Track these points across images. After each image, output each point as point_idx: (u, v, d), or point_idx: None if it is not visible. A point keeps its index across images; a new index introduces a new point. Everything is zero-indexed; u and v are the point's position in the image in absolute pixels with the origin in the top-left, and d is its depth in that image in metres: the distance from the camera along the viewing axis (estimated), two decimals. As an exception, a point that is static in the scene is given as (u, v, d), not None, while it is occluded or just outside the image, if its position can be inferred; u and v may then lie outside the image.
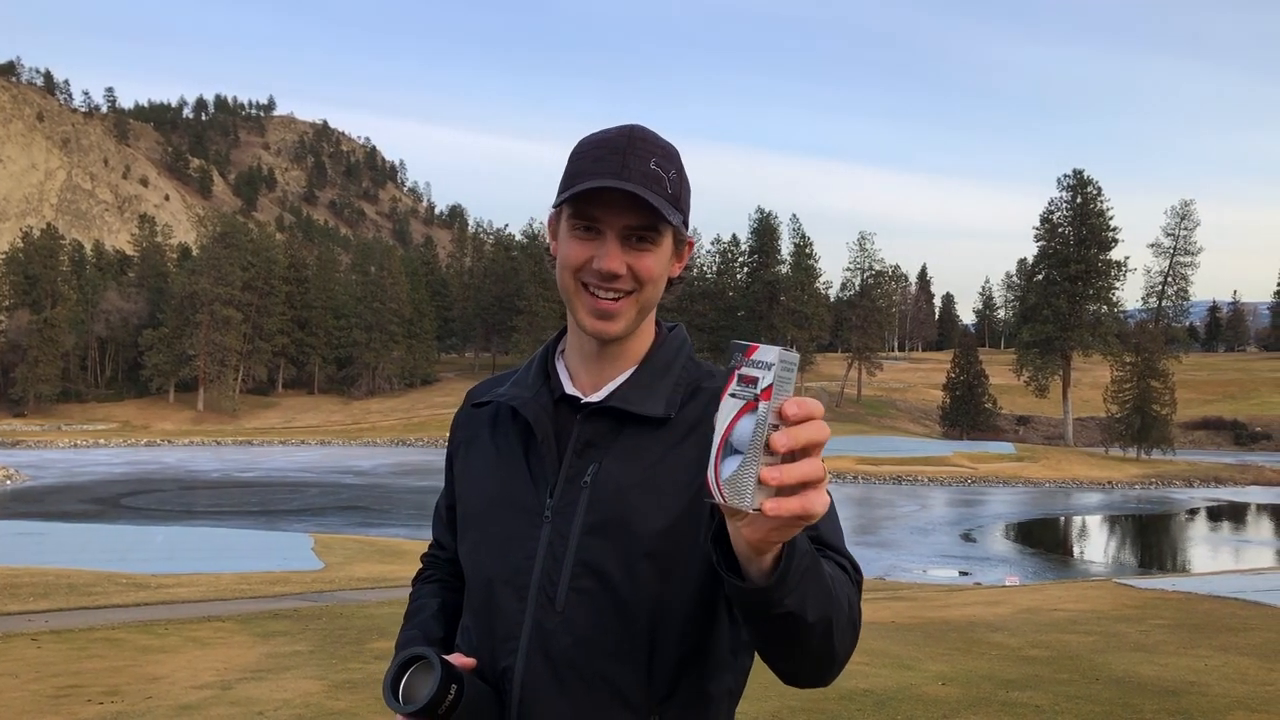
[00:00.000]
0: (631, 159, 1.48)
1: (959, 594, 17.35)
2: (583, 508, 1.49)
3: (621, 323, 1.52)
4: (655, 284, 1.54)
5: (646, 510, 1.48)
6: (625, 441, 1.52)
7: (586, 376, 1.60)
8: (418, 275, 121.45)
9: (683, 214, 1.54)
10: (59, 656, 9.49)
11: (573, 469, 1.52)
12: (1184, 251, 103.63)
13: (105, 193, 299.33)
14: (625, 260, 1.50)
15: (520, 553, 1.52)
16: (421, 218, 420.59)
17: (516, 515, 1.54)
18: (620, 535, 1.47)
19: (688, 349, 1.65)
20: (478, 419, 1.69)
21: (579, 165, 1.51)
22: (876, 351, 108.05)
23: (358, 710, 7.20)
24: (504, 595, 1.52)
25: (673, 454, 1.51)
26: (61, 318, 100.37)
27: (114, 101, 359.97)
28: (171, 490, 51.26)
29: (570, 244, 1.53)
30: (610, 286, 1.50)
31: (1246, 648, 9.39)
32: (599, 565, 1.47)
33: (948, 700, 7.34)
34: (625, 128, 1.54)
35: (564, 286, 1.55)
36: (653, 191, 1.47)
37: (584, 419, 1.55)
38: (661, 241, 1.52)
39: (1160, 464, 68.86)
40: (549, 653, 1.47)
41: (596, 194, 1.47)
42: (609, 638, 1.47)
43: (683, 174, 1.55)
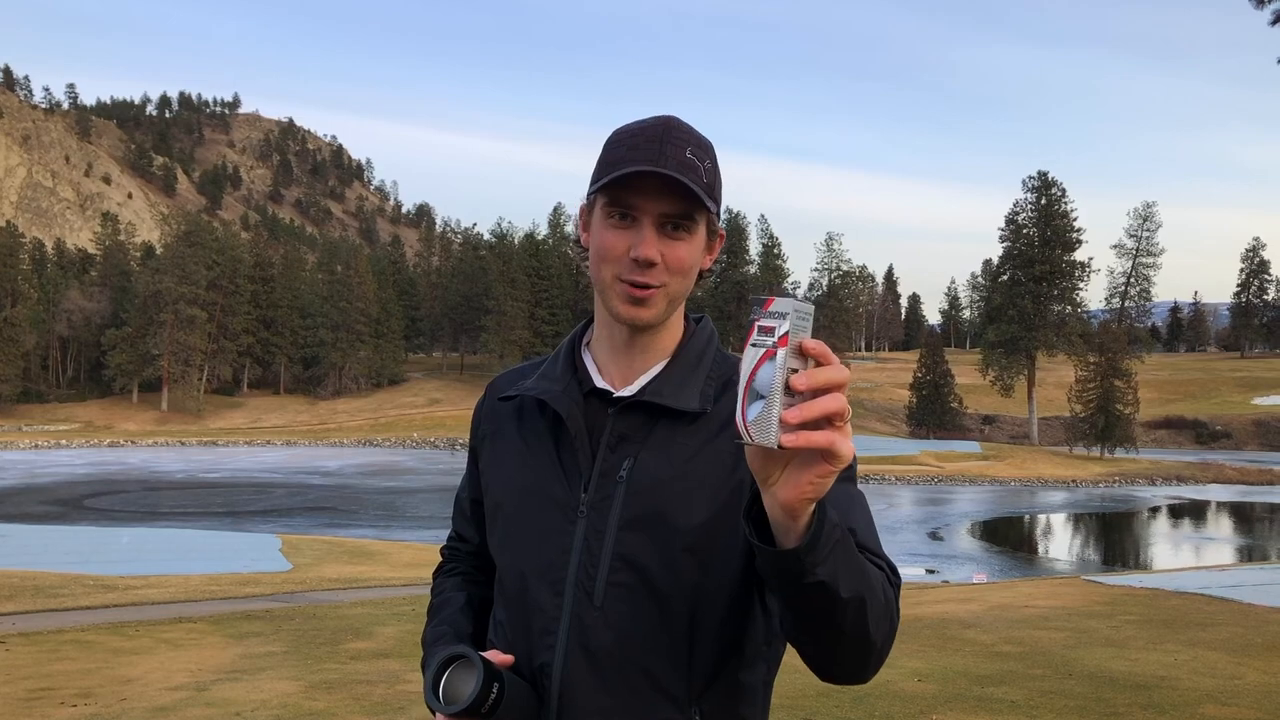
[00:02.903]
0: (668, 147, 1.48)
1: (931, 591, 17.48)
2: (619, 502, 1.49)
3: (654, 310, 1.52)
4: (687, 275, 1.53)
5: (684, 504, 1.48)
6: (659, 435, 1.52)
7: (616, 369, 1.59)
8: (385, 274, 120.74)
9: (716, 205, 1.54)
10: (28, 659, 9.37)
11: (607, 463, 1.52)
12: (1146, 253, 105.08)
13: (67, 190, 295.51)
14: (660, 249, 1.49)
15: (555, 548, 1.51)
16: (388, 217, 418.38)
17: (550, 510, 1.53)
18: (659, 529, 1.48)
19: (716, 341, 1.65)
20: (503, 412, 1.67)
21: (615, 154, 1.50)
22: (844, 351, 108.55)
23: (335, 710, 7.17)
24: (539, 590, 1.52)
25: (709, 448, 1.51)
26: (22, 317, 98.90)
27: (75, 98, 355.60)
28: (136, 491, 50.70)
29: (605, 233, 1.52)
30: (643, 278, 1.50)
31: (1214, 642, 9.53)
32: (637, 560, 1.47)
33: (924, 696, 7.40)
34: (661, 118, 1.54)
35: (598, 278, 1.54)
36: (689, 179, 1.47)
37: (617, 413, 1.55)
38: (696, 231, 1.52)
39: (1123, 463, 69.69)
40: (588, 646, 1.47)
41: (633, 181, 1.47)
42: (648, 631, 1.47)
43: (716, 166, 1.55)
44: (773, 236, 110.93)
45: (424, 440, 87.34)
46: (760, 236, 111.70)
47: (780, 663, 1.60)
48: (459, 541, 1.83)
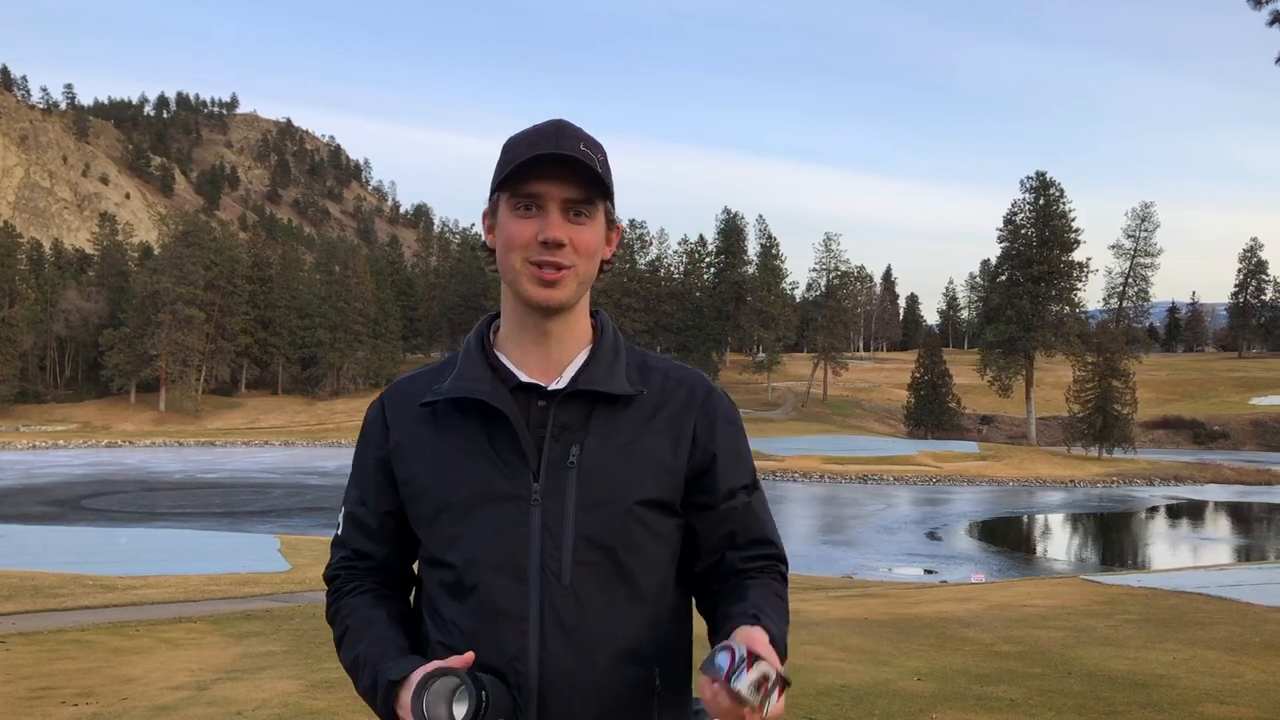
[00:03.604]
0: (563, 140, 1.59)
1: (930, 591, 17.50)
2: (573, 487, 1.59)
3: (565, 291, 1.62)
4: (592, 258, 1.64)
5: (632, 481, 1.61)
6: (598, 421, 1.63)
7: (536, 363, 1.68)
8: (383, 275, 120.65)
9: (609, 196, 1.66)
10: (29, 659, 9.38)
11: (554, 452, 1.61)
12: (1144, 253, 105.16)
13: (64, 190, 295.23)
14: (567, 232, 1.60)
15: (514, 538, 1.58)
16: (386, 217, 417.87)
17: (500, 504, 1.60)
18: (613, 507, 1.60)
19: (617, 330, 1.78)
20: (415, 419, 1.70)
21: (513, 153, 1.61)
22: (842, 352, 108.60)
23: (337, 709, 7.17)
24: (501, 581, 1.58)
25: (647, 427, 1.65)
26: (19, 317, 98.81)
27: (73, 98, 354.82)
28: (134, 492, 50.68)
29: (512, 223, 1.62)
30: (554, 259, 1.59)
31: (1213, 641, 9.54)
32: (599, 538, 1.59)
33: (924, 695, 7.42)
34: (553, 120, 1.64)
35: (508, 266, 1.64)
36: (586, 161, 1.59)
37: (558, 404, 1.63)
38: (596, 216, 1.64)
39: (1121, 463, 69.72)
40: (563, 625, 1.56)
41: (536, 170, 1.58)
42: (615, 602, 1.60)
43: (608, 164, 1.66)
44: (771, 237, 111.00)
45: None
46: (758, 237, 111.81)
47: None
48: (358, 560, 1.78)
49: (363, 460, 1.77)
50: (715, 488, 1.69)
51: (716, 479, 1.69)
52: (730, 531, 1.70)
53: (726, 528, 1.70)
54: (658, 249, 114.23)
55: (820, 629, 10.88)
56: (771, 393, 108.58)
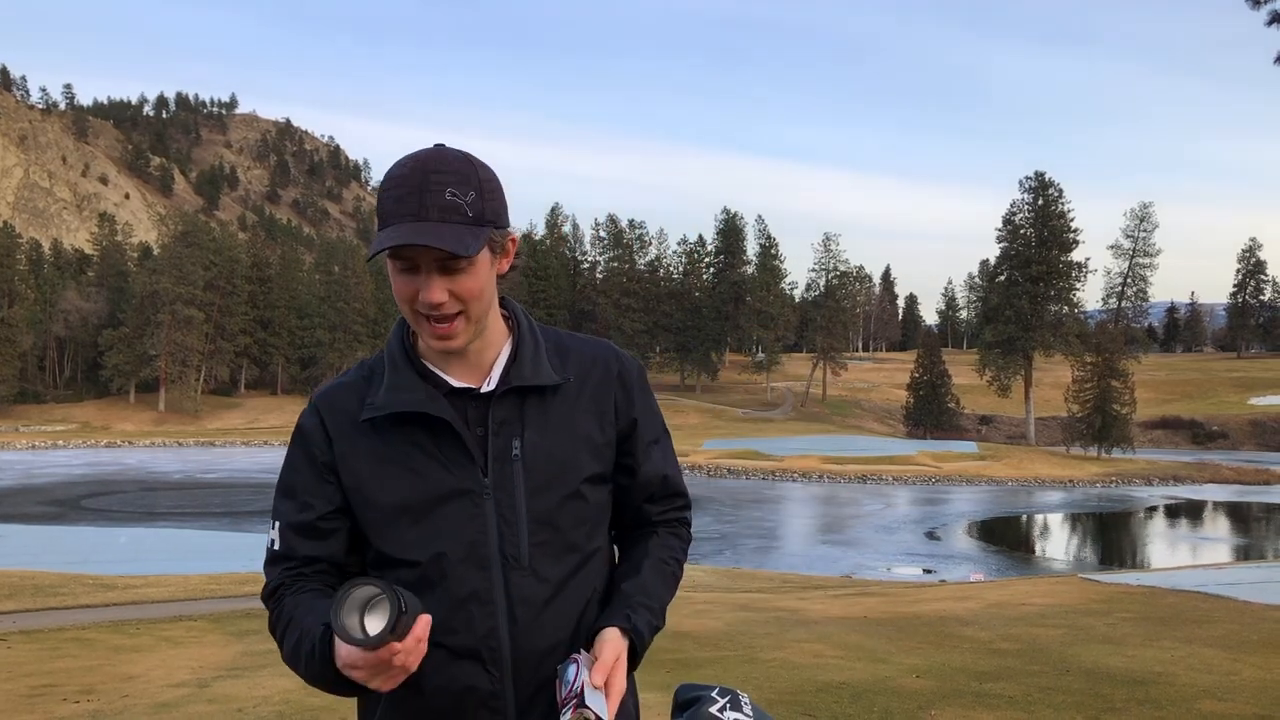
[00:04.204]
0: (428, 195, 1.61)
1: (929, 590, 17.53)
2: (521, 476, 1.72)
3: (462, 339, 1.71)
4: (480, 298, 1.69)
5: (572, 463, 1.76)
6: (531, 412, 1.76)
7: (462, 369, 1.77)
8: (382, 275, 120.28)
9: (492, 223, 1.67)
10: (30, 656, 9.41)
11: (497, 447, 1.72)
12: (1143, 253, 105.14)
13: (64, 191, 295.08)
14: (446, 287, 1.64)
15: (473, 529, 1.70)
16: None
17: (456, 501, 1.70)
18: (558, 489, 1.74)
19: (531, 318, 1.88)
20: (355, 428, 1.76)
21: (384, 207, 1.64)
22: (841, 352, 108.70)
23: (337, 706, 7.19)
24: (465, 570, 1.69)
25: (576, 409, 1.80)
26: (19, 317, 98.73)
27: (72, 98, 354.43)
28: (133, 492, 50.68)
29: (397, 281, 1.68)
30: (439, 314, 1.65)
31: (1211, 639, 9.57)
32: (549, 519, 1.73)
33: (923, 692, 7.44)
34: (419, 159, 1.65)
35: (405, 314, 1.72)
36: (451, 223, 1.61)
37: (494, 403, 1.74)
38: (475, 260, 1.66)
39: (1120, 463, 69.74)
40: (528, 601, 1.70)
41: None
42: (568, 571, 1.75)
43: (482, 187, 1.67)
44: (770, 237, 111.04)
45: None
46: (758, 237, 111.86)
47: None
48: (305, 565, 1.77)
49: (303, 466, 1.79)
50: (635, 449, 1.87)
51: (637, 440, 1.88)
52: (649, 490, 1.90)
53: (646, 487, 1.90)
54: (657, 249, 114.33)
55: (820, 627, 10.92)
56: (770, 393, 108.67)
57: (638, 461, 1.87)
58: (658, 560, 1.87)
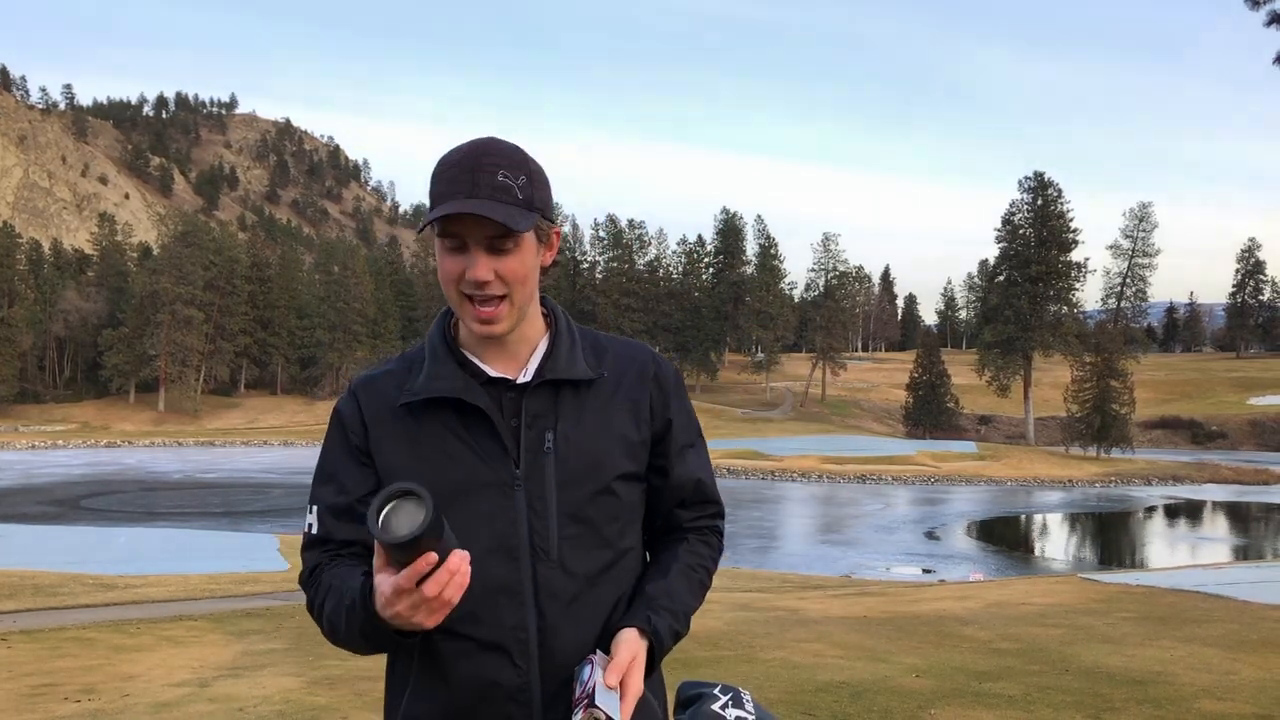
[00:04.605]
0: (480, 175, 1.65)
1: (928, 589, 17.55)
2: (552, 469, 1.72)
3: (504, 324, 1.72)
4: (524, 283, 1.72)
5: (605, 458, 1.76)
6: (566, 406, 1.77)
7: (499, 360, 1.79)
8: (382, 275, 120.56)
9: (539, 211, 1.71)
10: (30, 656, 9.42)
11: (529, 440, 1.73)
12: (1142, 253, 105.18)
13: (63, 191, 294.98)
14: (492, 267, 1.68)
15: (503, 521, 1.71)
16: (385, 217, 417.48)
17: (487, 491, 1.71)
18: (589, 483, 1.74)
19: (569, 316, 1.89)
20: (391, 414, 1.77)
21: (436, 187, 1.68)
22: (840, 352, 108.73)
23: (339, 705, 7.21)
24: (494, 562, 1.69)
25: (612, 405, 1.80)
26: (19, 317, 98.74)
27: (72, 98, 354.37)
28: (133, 491, 50.70)
29: (444, 260, 1.71)
30: (484, 294, 1.68)
31: (1210, 639, 9.58)
32: (579, 513, 1.73)
33: (922, 691, 7.45)
34: (474, 143, 1.71)
35: (449, 297, 1.74)
36: (502, 202, 1.64)
37: (528, 395, 1.75)
38: (523, 242, 1.70)
39: (1119, 462, 69.79)
40: (556, 594, 1.71)
41: (453, 215, 1.64)
42: (597, 566, 1.75)
43: (533, 175, 1.71)
44: (769, 237, 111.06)
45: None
46: (757, 237, 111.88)
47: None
48: (341, 548, 1.78)
49: (339, 451, 1.81)
50: (669, 450, 1.88)
51: (672, 443, 1.88)
52: (681, 495, 1.90)
53: (679, 490, 1.90)
54: (656, 249, 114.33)
55: (819, 626, 10.93)
56: (770, 393, 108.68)
57: (671, 464, 1.88)
58: (685, 566, 1.86)
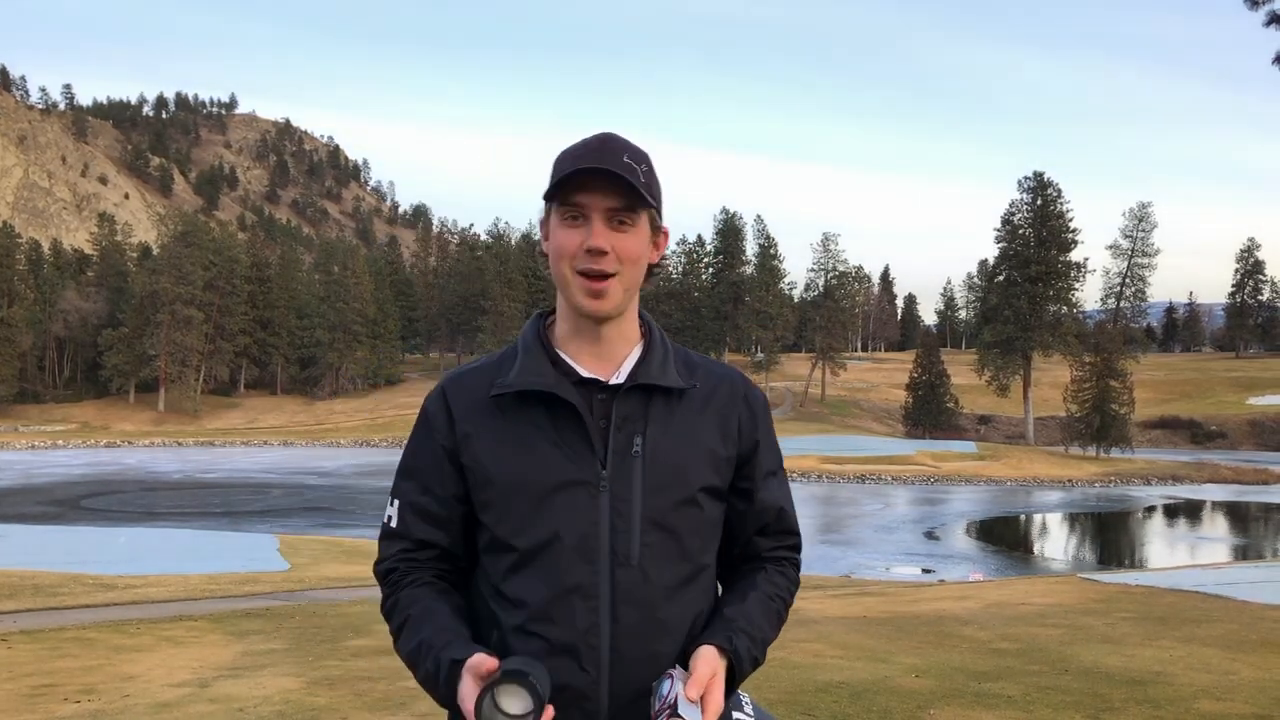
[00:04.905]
0: (607, 154, 1.71)
1: (928, 589, 17.55)
2: (639, 474, 1.72)
3: (612, 301, 1.74)
4: (637, 264, 1.76)
5: (692, 469, 1.75)
6: (655, 412, 1.77)
7: (592, 360, 1.80)
8: (382, 275, 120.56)
9: (656, 202, 1.76)
10: (30, 656, 9.42)
11: (618, 442, 1.73)
12: (1141, 253, 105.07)
13: (63, 191, 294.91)
14: (610, 240, 1.71)
15: (585, 521, 1.70)
16: (385, 217, 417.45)
17: (572, 490, 1.71)
18: (676, 493, 1.73)
19: (662, 330, 1.91)
20: (482, 409, 1.78)
21: (560, 167, 1.73)
22: (840, 352, 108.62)
23: (338, 705, 7.21)
24: (572, 562, 1.69)
25: (700, 419, 1.80)
26: (18, 317, 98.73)
27: (72, 98, 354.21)
28: (133, 491, 50.70)
29: (560, 233, 1.73)
30: (598, 269, 1.70)
31: (1209, 639, 9.58)
32: (663, 520, 1.72)
33: (921, 692, 7.46)
34: (600, 134, 1.77)
35: (559, 274, 1.75)
36: (627, 175, 1.69)
37: (619, 397, 1.76)
38: (640, 223, 1.75)
39: (1119, 462, 69.77)
40: (634, 601, 1.69)
41: (580, 182, 1.69)
42: (676, 578, 1.73)
43: (653, 172, 1.78)
44: (769, 237, 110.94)
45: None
46: (756, 237, 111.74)
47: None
48: (419, 550, 1.82)
49: (425, 449, 1.83)
50: (755, 474, 1.87)
51: (757, 466, 1.88)
52: (763, 520, 1.89)
53: (761, 516, 1.89)
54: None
55: (819, 626, 10.93)
56: (770, 393, 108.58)
57: (756, 487, 1.87)
58: (764, 595, 1.84)
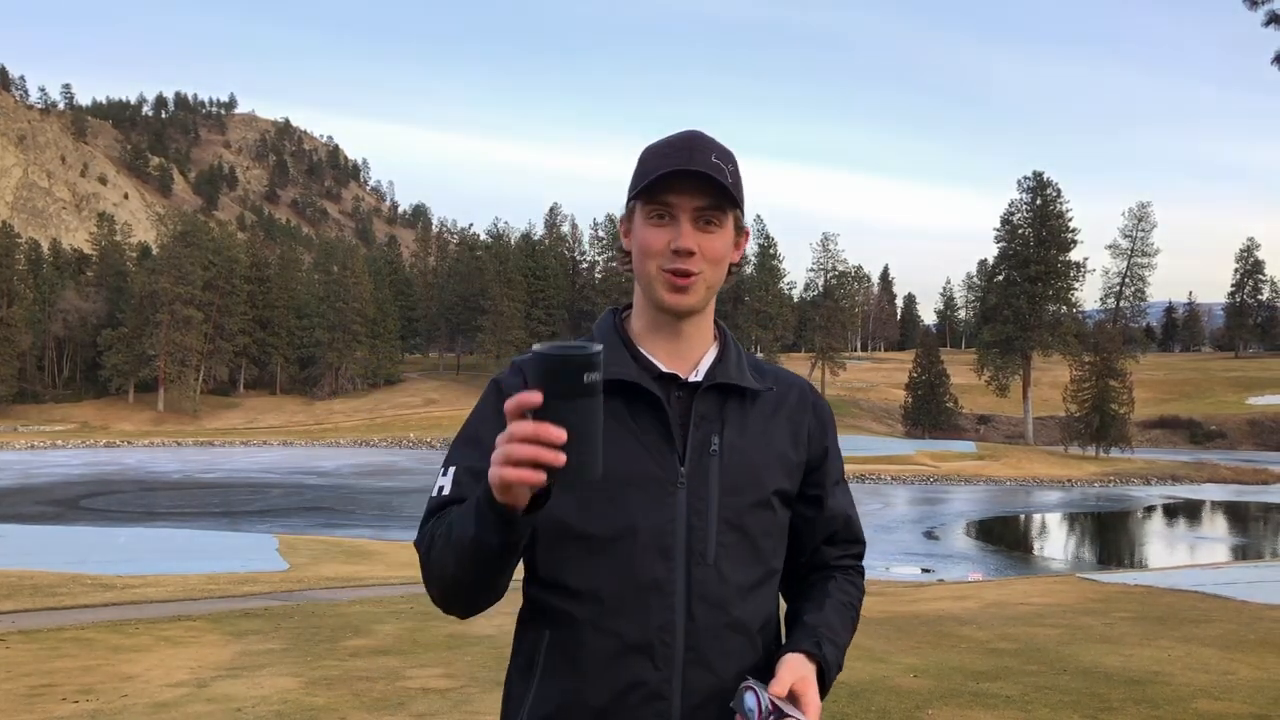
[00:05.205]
0: (696, 153, 1.69)
1: (927, 589, 17.55)
2: (716, 473, 1.70)
3: (695, 297, 1.72)
4: (720, 264, 1.74)
5: (766, 471, 1.75)
6: (731, 413, 1.76)
7: (668, 357, 1.77)
8: (381, 275, 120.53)
9: (740, 202, 1.76)
10: (29, 656, 9.41)
11: (696, 440, 1.71)
12: (1141, 253, 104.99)
13: (62, 190, 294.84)
14: (696, 240, 1.69)
15: (661, 517, 1.67)
16: (385, 217, 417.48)
17: (649, 484, 1.68)
18: (752, 494, 1.73)
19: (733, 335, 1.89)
20: None
21: (648, 165, 1.72)
22: (840, 351, 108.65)
23: (336, 705, 7.22)
24: (647, 556, 1.66)
25: (772, 422, 1.80)
26: (18, 317, 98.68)
27: (71, 98, 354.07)
28: (132, 491, 50.66)
29: (646, 232, 1.72)
30: (684, 267, 1.69)
31: (1207, 639, 9.59)
32: (738, 521, 1.71)
33: (920, 691, 7.46)
34: (687, 131, 1.76)
35: (643, 272, 1.74)
36: (716, 175, 1.68)
37: (698, 396, 1.74)
38: (726, 224, 1.73)
39: (1118, 462, 69.76)
40: (709, 600, 1.67)
41: (669, 182, 1.67)
42: (749, 580, 1.72)
43: (738, 171, 1.76)
44: (769, 237, 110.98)
45: (420, 440, 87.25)
46: (756, 237, 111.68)
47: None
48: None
49: (494, 418, 1.67)
50: (824, 481, 1.87)
51: (826, 474, 1.87)
52: (832, 528, 1.89)
53: (830, 524, 1.88)
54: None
55: (817, 627, 10.90)
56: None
57: (826, 494, 1.87)
58: (839, 603, 1.83)
